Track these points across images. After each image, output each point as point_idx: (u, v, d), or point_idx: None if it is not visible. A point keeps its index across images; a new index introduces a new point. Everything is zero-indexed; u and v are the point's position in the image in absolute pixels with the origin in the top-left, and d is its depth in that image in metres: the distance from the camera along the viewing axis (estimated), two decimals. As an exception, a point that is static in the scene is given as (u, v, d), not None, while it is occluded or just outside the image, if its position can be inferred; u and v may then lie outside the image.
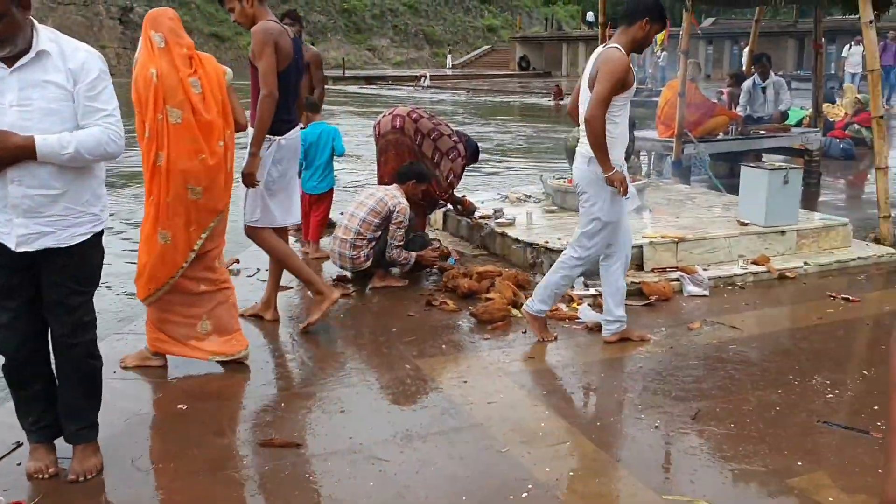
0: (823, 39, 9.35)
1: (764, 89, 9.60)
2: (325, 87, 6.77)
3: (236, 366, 3.96)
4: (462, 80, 41.33)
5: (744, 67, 11.04)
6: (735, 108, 9.77)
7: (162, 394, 3.70)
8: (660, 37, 24.46)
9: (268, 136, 4.20)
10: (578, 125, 4.23)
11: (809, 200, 7.92)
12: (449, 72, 47.95)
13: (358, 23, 56.71)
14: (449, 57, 52.96)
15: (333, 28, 55.18)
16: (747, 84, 9.73)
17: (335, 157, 6.23)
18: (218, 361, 3.91)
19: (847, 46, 19.54)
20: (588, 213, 4.14)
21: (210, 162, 3.65)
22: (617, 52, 3.94)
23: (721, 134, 8.92)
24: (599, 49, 4.15)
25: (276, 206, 4.37)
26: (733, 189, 7.29)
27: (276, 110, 4.14)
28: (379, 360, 4.07)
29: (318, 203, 6.14)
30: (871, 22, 5.89)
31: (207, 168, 3.65)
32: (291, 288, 5.20)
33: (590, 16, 48.11)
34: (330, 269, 5.68)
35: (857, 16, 6.26)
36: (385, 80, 41.27)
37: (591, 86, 3.97)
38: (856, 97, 12.44)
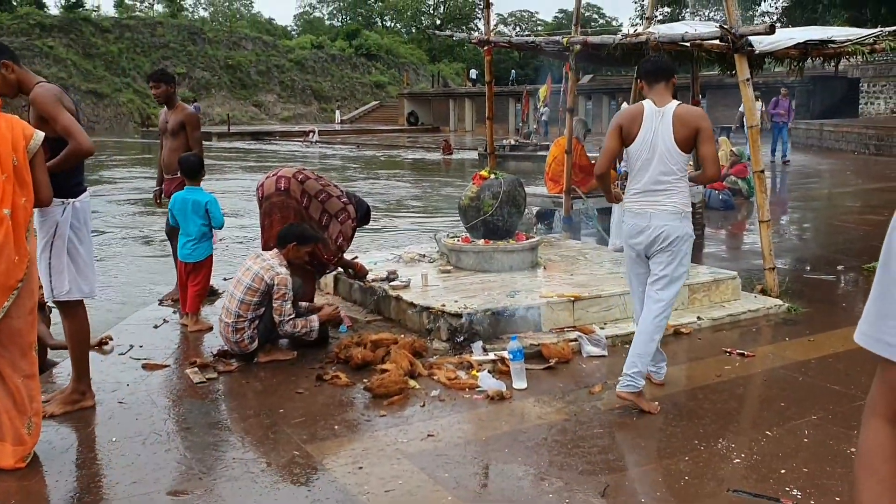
0: (700, 95, 9.69)
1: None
2: (203, 144, 6.43)
3: (101, 457, 3.53)
4: (351, 136, 41.35)
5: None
6: (619, 163, 9.96)
7: None
8: (542, 93, 25.22)
9: (62, 199, 3.89)
10: (606, 186, 4.52)
11: (696, 253, 8.05)
12: (338, 127, 47.95)
13: (243, 78, 56.12)
14: (338, 112, 53.03)
15: (218, 84, 54.38)
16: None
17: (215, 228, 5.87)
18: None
19: (774, 100, 19.49)
20: (681, 266, 4.20)
21: None
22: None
23: (608, 188, 9.03)
24: (666, 109, 4.10)
25: (82, 276, 4.02)
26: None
27: (68, 173, 3.88)
28: (265, 448, 3.72)
29: (194, 272, 5.73)
30: (747, 80, 6.07)
31: None
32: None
33: (473, 73, 49.35)
34: (212, 343, 5.29)
35: (733, 72, 6.46)
36: (272, 136, 40.76)
37: (692, 145, 4.12)
38: (731, 150, 12.99)
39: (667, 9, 28.41)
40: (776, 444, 3.70)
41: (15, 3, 56.34)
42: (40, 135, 3.54)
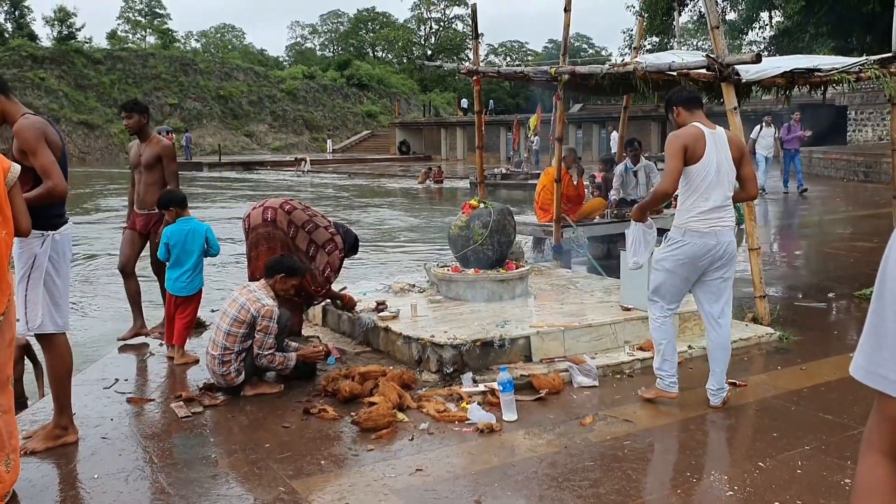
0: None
1: (636, 173, 9.87)
2: (179, 176, 6.37)
3: (83, 495, 3.44)
4: (343, 165, 41.46)
5: (613, 151, 11.39)
6: (609, 192, 9.99)
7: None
8: (533, 122, 25.36)
9: (41, 231, 3.85)
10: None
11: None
12: (329, 156, 48.09)
13: (235, 109, 56.33)
14: (329, 142, 53.24)
15: (209, 114, 54.56)
16: (620, 168, 9.99)
17: (207, 257, 5.83)
18: None
19: (757, 128, 18.21)
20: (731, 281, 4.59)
21: None
22: None
23: (598, 217, 9.05)
24: (717, 131, 4.45)
25: (56, 309, 3.96)
26: (613, 271, 7.33)
27: (48, 206, 3.84)
28: (250, 484, 3.64)
29: (184, 305, 5.66)
30: (735, 108, 6.09)
31: None
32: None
33: (464, 102, 49.71)
34: (198, 376, 5.22)
35: (720, 101, 6.49)
36: (263, 166, 40.81)
37: (736, 165, 4.46)
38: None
39: (655, 38, 28.70)
40: (769, 475, 3.65)
41: (7, 36, 56.59)
42: (17, 168, 3.50)
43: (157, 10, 78.03)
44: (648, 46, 27.41)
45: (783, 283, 8.46)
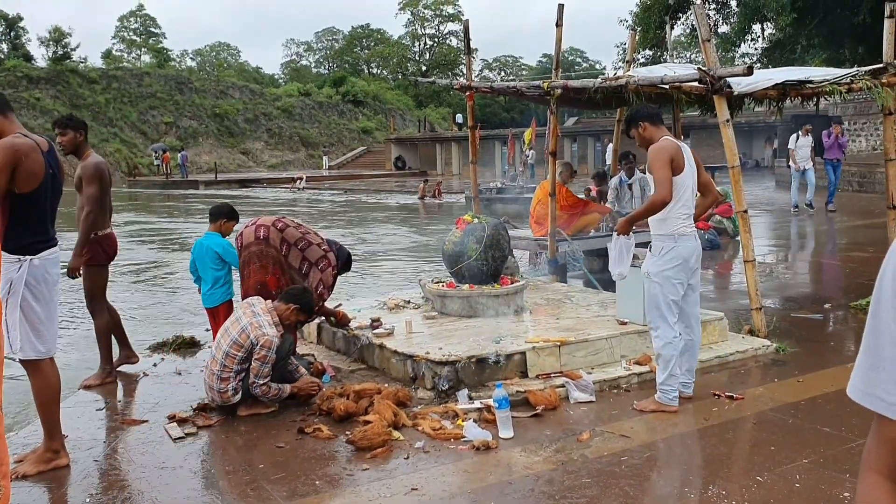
0: (682, 136, 9.74)
1: (630, 186, 9.88)
2: (97, 204, 5.50)
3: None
4: (339, 181, 41.51)
5: (608, 164, 11.40)
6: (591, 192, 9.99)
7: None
8: (527, 136, 25.41)
9: (18, 256, 3.83)
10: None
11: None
12: (326, 173, 48.12)
13: (231, 126, 56.39)
14: (325, 158, 53.28)
15: (205, 132, 54.61)
16: (614, 181, 9.99)
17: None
18: None
19: (794, 137, 16.90)
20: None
21: None
22: None
23: (593, 231, 9.04)
24: (684, 144, 4.90)
25: (37, 335, 3.91)
26: (609, 285, 7.30)
27: (25, 230, 3.81)
28: (243, 505, 3.61)
29: (214, 318, 5.79)
30: (727, 121, 6.10)
31: None
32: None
33: (459, 117, 49.81)
34: (192, 396, 5.18)
35: (713, 113, 6.49)
36: (260, 183, 40.82)
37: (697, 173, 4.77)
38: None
39: (648, 52, 28.80)
40: (767, 489, 3.62)
41: (2, 56, 56.71)
42: None
43: (152, 30, 78.29)
44: (642, 60, 27.49)
45: (779, 294, 8.45)
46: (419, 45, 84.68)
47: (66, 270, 4.93)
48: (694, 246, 4.75)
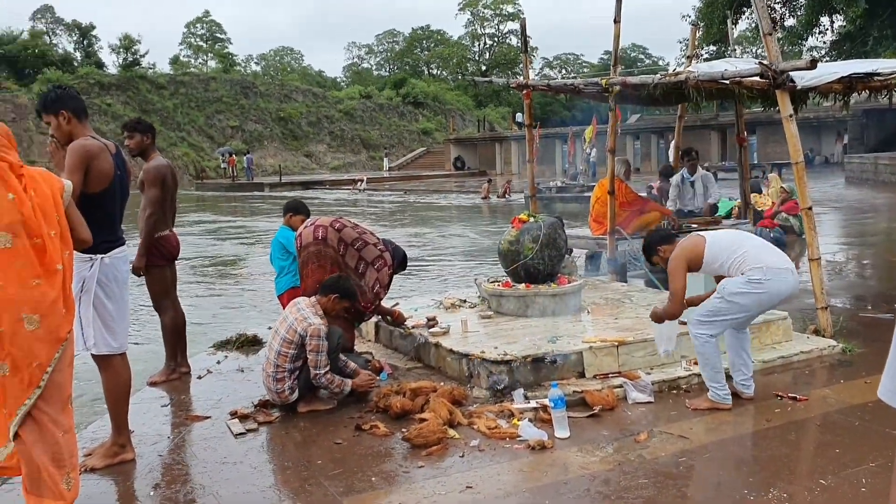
0: (746, 132, 9.54)
1: (693, 183, 9.71)
2: (158, 206, 5.66)
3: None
4: (399, 182, 41.81)
5: (671, 161, 11.24)
6: (665, 203, 9.84)
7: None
8: (588, 134, 25.17)
9: (90, 255, 3.98)
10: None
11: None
12: (386, 174, 48.55)
13: (294, 130, 57.32)
14: (385, 160, 53.73)
15: (270, 136, 55.62)
16: (676, 178, 9.84)
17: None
18: None
19: None
20: None
21: (46, 287, 3.34)
22: None
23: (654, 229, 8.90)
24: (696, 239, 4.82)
25: (109, 331, 4.07)
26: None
27: (96, 230, 3.89)
28: (301, 501, 3.66)
29: (283, 304, 5.96)
30: (790, 116, 5.95)
31: (43, 294, 3.32)
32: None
33: (519, 116, 49.63)
34: (253, 393, 5.28)
35: (777, 109, 6.34)
36: (322, 185, 41.40)
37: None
38: (781, 186, 12.73)
39: (712, 47, 28.22)
40: (832, 493, 3.52)
41: (76, 64, 58.76)
42: (69, 184, 3.63)
43: (218, 35, 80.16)
44: (706, 56, 26.96)
45: (847, 293, 8.20)
46: (479, 44, 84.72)
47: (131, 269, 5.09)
48: (791, 283, 4.62)
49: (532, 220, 6.57)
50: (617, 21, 7.70)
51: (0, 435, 3.44)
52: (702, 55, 25.35)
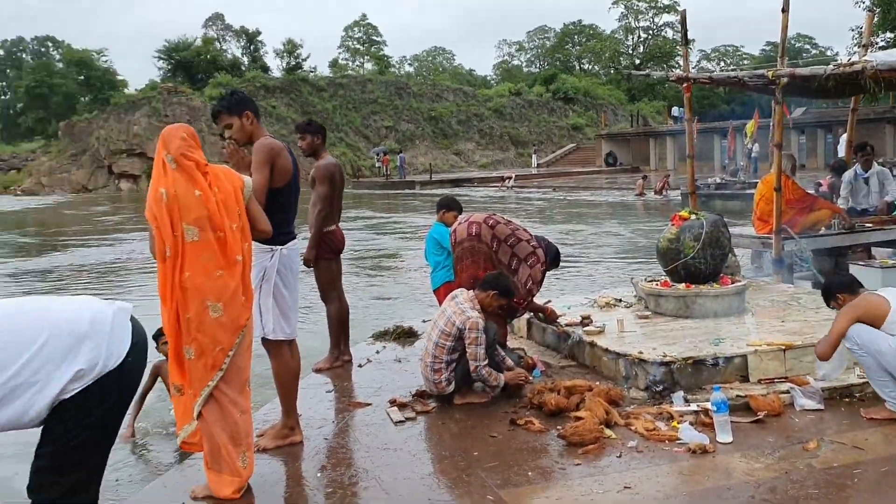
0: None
1: (867, 180, 9.09)
2: (326, 203, 5.91)
3: (308, 492, 3.72)
4: (548, 179, 41.59)
5: (841, 156, 10.56)
6: (835, 200, 9.27)
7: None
8: (749, 128, 24.05)
9: (270, 246, 4.20)
10: None
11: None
12: (534, 171, 48.41)
13: (444, 128, 58.24)
14: (534, 156, 53.60)
15: (421, 135, 56.81)
16: (849, 175, 9.24)
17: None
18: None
19: None
20: None
21: (228, 278, 3.60)
22: None
23: (823, 228, 8.41)
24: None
25: (285, 319, 4.31)
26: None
27: (276, 223, 4.13)
28: (459, 490, 3.75)
29: (438, 298, 6.11)
30: None
31: (226, 284, 3.59)
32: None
33: (676, 110, 48.09)
34: (411, 383, 5.43)
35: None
36: (471, 182, 41.82)
37: None
38: None
39: (889, 34, 26.22)
40: None
41: (244, 68, 62.37)
42: (248, 180, 3.91)
43: (374, 38, 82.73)
44: (881, 43, 25.10)
45: None
46: (632, 38, 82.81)
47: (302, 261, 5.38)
48: None
49: (693, 217, 6.37)
50: (785, 10, 7.33)
51: (185, 414, 3.74)
52: (877, 43, 23.63)
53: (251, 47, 69.12)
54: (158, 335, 4.90)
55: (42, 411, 2.48)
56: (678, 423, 4.38)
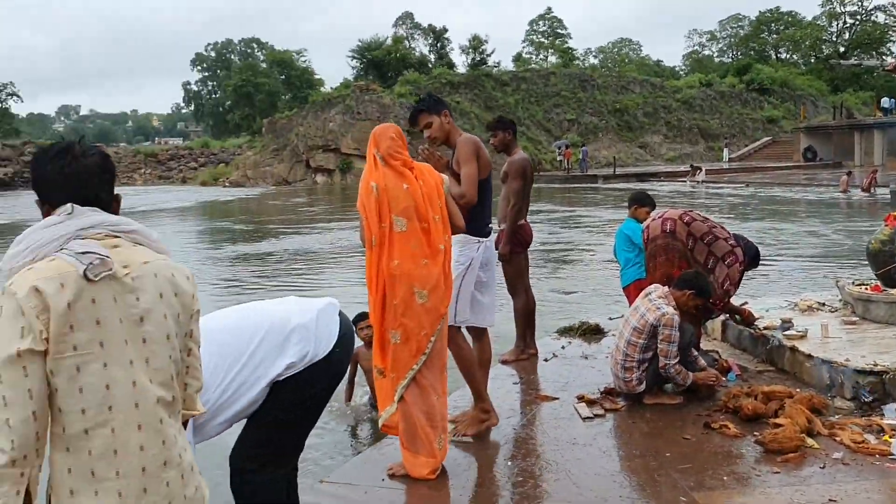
0: None
1: None
2: (521, 198, 6.01)
3: (499, 478, 3.83)
4: (740, 174, 39.63)
5: None
6: None
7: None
8: None
9: (477, 238, 4.38)
10: None
11: None
12: (726, 165, 46.30)
13: (630, 121, 56.95)
14: (726, 150, 51.26)
15: (605, 128, 55.86)
16: None
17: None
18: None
19: None
20: None
21: (432, 266, 3.80)
22: None
23: None
24: None
25: (482, 307, 4.49)
26: None
27: (481, 215, 4.31)
28: (651, 489, 3.72)
29: (627, 297, 6.10)
30: None
31: (430, 272, 3.79)
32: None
33: (885, 101, 44.20)
34: (599, 380, 5.43)
35: None
36: (657, 177, 40.64)
37: None
38: None
39: None
40: None
41: (430, 65, 64.08)
42: (446, 177, 4.12)
43: (559, 31, 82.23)
44: None
45: None
46: (837, 24, 76.89)
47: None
48: None
49: (910, 217, 5.90)
50: None
51: (386, 397, 3.97)
52: None
53: (438, 44, 70.84)
54: (357, 320, 5.18)
55: (260, 398, 2.75)
56: (890, 437, 4.10)
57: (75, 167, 1.88)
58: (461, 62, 67.93)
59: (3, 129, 69.96)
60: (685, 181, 36.29)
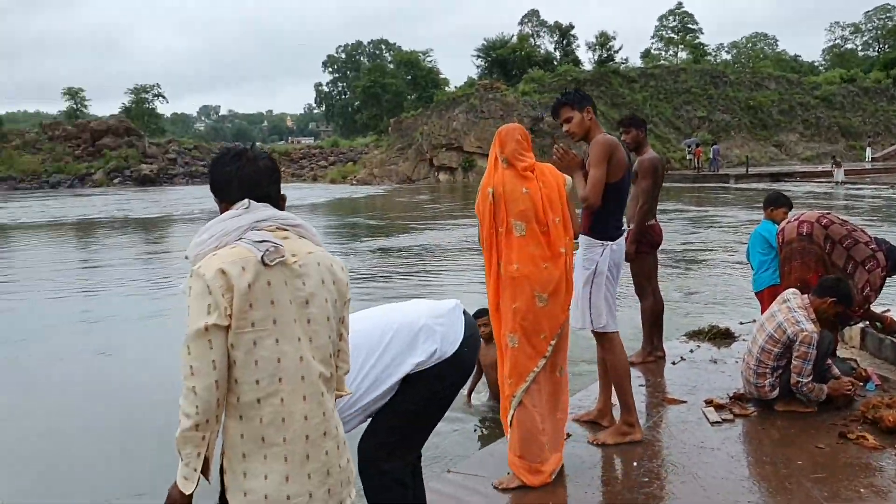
0: None
1: None
2: (652, 198, 5.96)
3: (622, 479, 3.86)
4: (883, 174, 37.35)
5: None
6: None
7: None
8: None
9: (601, 241, 4.29)
10: None
11: None
12: (868, 165, 43.77)
13: (764, 119, 54.71)
14: (868, 149, 48.44)
15: (737, 126, 53.93)
16: None
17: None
18: None
19: None
20: None
21: (553, 269, 3.79)
22: None
23: None
24: None
25: (612, 312, 4.36)
26: None
27: (608, 218, 4.24)
28: (781, 497, 3.65)
29: (760, 301, 5.99)
30: None
31: (551, 275, 3.79)
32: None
33: None
34: (727, 385, 5.34)
35: None
36: (792, 177, 38.87)
37: None
38: None
39: None
40: None
41: (555, 63, 63.67)
42: (569, 179, 4.06)
43: (690, 26, 79.86)
44: None
45: None
46: None
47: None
48: None
49: None
50: None
51: (505, 399, 4.00)
52: None
53: (564, 42, 70.31)
54: (477, 316, 5.23)
55: (392, 392, 2.95)
56: None
57: (249, 169, 2.13)
58: (587, 59, 67.17)
59: (150, 128, 74.65)
60: (823, 182, 34.52)
